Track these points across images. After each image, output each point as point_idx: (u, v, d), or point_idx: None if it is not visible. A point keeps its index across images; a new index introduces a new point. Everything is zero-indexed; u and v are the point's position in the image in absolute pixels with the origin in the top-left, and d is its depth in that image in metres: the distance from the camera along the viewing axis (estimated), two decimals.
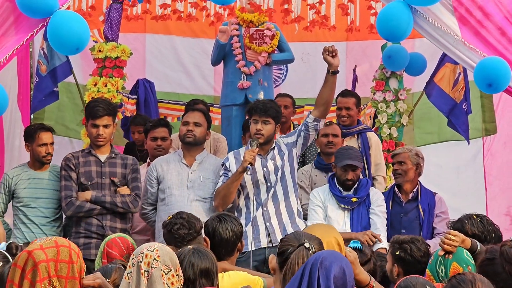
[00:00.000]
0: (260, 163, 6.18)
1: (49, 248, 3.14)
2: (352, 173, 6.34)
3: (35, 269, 3.08)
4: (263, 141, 6.15)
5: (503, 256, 3.68)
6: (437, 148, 8.83)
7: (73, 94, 8.58)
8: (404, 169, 6.58)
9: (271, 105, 6.26)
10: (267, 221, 6.10)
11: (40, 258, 3.10)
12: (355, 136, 7.20)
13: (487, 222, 4.73)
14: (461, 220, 4.72)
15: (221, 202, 6.12)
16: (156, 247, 3.22)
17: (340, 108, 7.25)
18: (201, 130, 6.37)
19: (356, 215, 6.30)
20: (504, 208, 8.55)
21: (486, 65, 5.56)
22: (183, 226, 4.73)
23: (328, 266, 3.01)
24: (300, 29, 8.83)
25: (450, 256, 3.95)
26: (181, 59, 9.28)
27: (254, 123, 6.18)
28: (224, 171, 6.21)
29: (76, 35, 5.33)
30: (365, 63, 8.97)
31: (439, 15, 5.75)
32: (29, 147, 6.29)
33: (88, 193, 6.13)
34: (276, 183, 6.15)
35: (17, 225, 6.25)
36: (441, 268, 3.93)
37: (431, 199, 6.63)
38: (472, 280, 3.13)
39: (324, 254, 3.08)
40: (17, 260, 3.14)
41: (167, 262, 3.19)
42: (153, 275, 3.15)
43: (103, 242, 4.50)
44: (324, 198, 6.36)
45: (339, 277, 3.01)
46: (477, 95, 8.40)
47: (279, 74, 9.13)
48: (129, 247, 4.48)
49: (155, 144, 6.99)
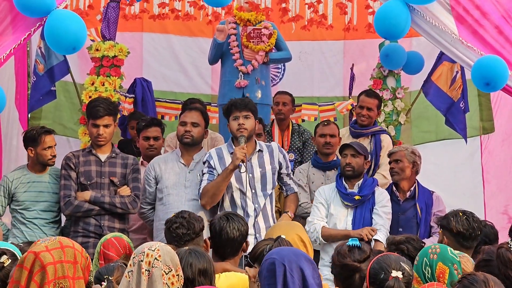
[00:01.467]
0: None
1: (55, 250, 3.15)
2: (351, 158, 6.32)
3: (43, 271, 3.09)
4: (246, 135, 6.10)
5: (500, 258, 3.69)
6: (435, 146, 8.84)
7: (70, 93, 8.57)
8: (400, 167, 6.58)
9: (248, 100, 6.25)
10: (257, 232, 6.09)
11: (47, 260, 3.11)
12: (368, 137, 7.18)
13: (473, 219, 4.74)
14: (447, 217, 4.75)
15: (209, 201, 6.10)
16: (157, 247, 3.22)
17: (362, 107, 7.20)
18: (199, 130, 6.35)
19: (359, 214, 6.29)
20: (501, 207, 8.56)
21: (484, 63, 5.57)
22: (182, 226, 4.72)
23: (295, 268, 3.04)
24: (297, 28, 8.83)
25: (435, 256, 3.95)
26: (179, 58, 9.27)
27: (234, 120, 6.13)
28: (208, 169, 6.17)
29: (73, 34, 5.32)
30: (362, 62, 8.97)
31: (437, 14, 5.76)
32: (33, 151, 6.26)
33: (87, 194, 6.12)
34: (261, 190, 6.16)
35: (17, 225, 6.24)
36: (427, 269, 3.93)
37: (429, 198, 6.64)
38: (485, 280, 3.13)
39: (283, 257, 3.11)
40: (23, 261, 3.14)
41: (168, 262, 3.20)
42: (153, 274, 3.15)
43: (99, 243, 4.48)
44: (329, 196, 6.35)
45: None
46: (475, 93, 8.41)
47: (277, 73, 9.14)
48: (126, 246, 4.47)
49: (147, 144, 6.97)
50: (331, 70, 9.32)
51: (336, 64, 9.31)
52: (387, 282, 3.29)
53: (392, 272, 3.31)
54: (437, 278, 3.88)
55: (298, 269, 3.09)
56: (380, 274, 3.33)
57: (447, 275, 3.87)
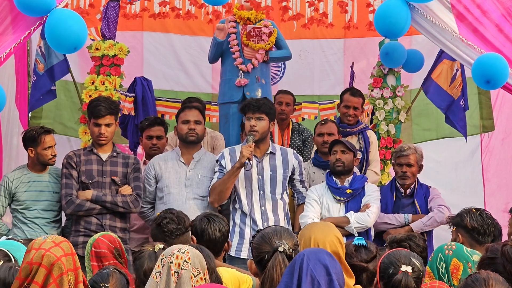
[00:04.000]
0: (256, 167, 6.19)
1: (67, 256, 3.23)
2: (342, 154, 6.35)
3: (63, 276, 3.14)
4: (258, 138, 6.16)
5: (505, 255, 3.68)
6: (435, 144, 8.84)
7: (70, 93, 8.57)
8: (413, 172, 6.64)
9: (264, 102, 6.27)
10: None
11: (68, 267, 3.19)
12: (356, 135, 7.21)
13: (486, 215, 4.75)
14: (461, 214, 4.74)
15: (217, 198, 6.15)
16: (187, 249, 3.24)
17: (348, 106, 7.23)
18: (201, 128, 6.39)
19: (351, 208, 6.31)
20: (502, 205, 8.55)
21: (484, 61, 5.57)
22: (172, 221, 4.73)
23: (314, 264, 3.01)
24: (298, 26, 8.84)
25: (450, 252, 3.96)
26: (179, 57, 9.27)
27: (248, 120, 6.20)
28: (219, 168, 6.22)
29: (74, 33, 5.31)
30: (362, 60, 8.97)
31: (437, 12, 5.77)
32: (33, 152, 6.27)
33: (89, 192, 6.13)
34: (270, 192, 6.17)
35: (18, 224, 6.24)
36: (441, 264, 3.94)
37: (427, 193, 6.68)
38: (486, 278, 3.13)
39: (306, 253, 3.08)
40: (40, 261, 3.16)
41: (197, 265, 3.21)
42: (182, 276, 3.17)
43: (89, 245, 4.48)
44: (322, 193, 6.36)
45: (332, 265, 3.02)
46: (475, 91, 8.42)
47: (277, 71, 9.13)
48: (115, 240, 4.47)
49: (150, 143, 6.98)
50: (332, 69, 9.32)
51: (337, 63, 9.31)
52: (396, 276, 3.29)
53: (401, 266, 3.31)
54: (451, 273, 3.90)
55: (319, 263, 3.08)
56: (390, 269, 3.33)
57: (461, 271, 3.88)
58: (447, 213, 6.34)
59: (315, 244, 3.72)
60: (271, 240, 3.33)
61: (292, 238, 3.38)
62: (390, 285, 3.30)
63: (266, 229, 3.45)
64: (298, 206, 6.44)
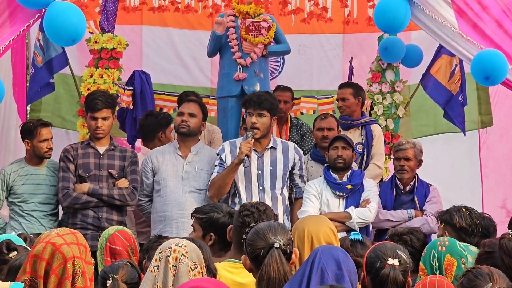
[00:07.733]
0: (256, 162, 6.18)
1: (67, 235, 3.22)
2: (343, 151, 6.35)
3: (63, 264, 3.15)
4: (259, 136, 6.15)
5: (503, 249, 3.68)
6: (433, 140, 8.82)
7: (69, 86, 8.54)
8: (411, 166, 6.63)
9: (265, 97, 6.25)
10: None
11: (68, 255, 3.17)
12: (359, 128, 7.17)
13: (476, 215, 4.70)
14: (450, 212, 4.70)
15: (216, 193, 6.15)
16: (184, 243, 3.24)
17: (338, 99, 7.26)
18: (196, 121, 6.37)
19: (351, 203, 6.32)
20: (499, 201, 8.56)
21: (484, 57, 5.57)
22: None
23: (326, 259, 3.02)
24: (297, 21, 8.82)
25: (443, 248, 3.95)
26: (178, 51, 9.25)
27: (249, 116, 6.19)
28: (219, 162, 6.21)
29: (73, 26, 5.32)
30: (361, 55, 8.96)
31: (437, 7, 5.77)
32: (29, 144, 6.27)
33: (85, 186, 6.14)
34: (270, 188, 6.17)
35: (15, 217, 6.25)
36: (434, 261, 3.93)
37: (427, 191, 6.67)
38: (489, 273, 3.12)
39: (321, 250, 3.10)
40: (48, 257, 3.16)
41: (194, 259, 3.21)
42: (180, 270, 3.17)
43: (104, 238, 4.46)
44: (320, 188, 6.36)
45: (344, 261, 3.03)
46: (474, 87, 8.39)
47: (276, 66, 9.12)
48: (130, 238, 4.47)
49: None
50: (330, 64, 9.31)
51: (335, 58, 9.29)
52: (383, 270, 3.27)
53: (388, 260, 3.29)
54: (445, 270, 3.89)
55: (331, 257, 3.09)
56: (376, 263, 3.31)
57: (455, 268, 3.87)
58: (435, 225, 6.24)
59: (309, 236, 3.72)
60: (266, 236, 3.31)
61: (286, 233, 3.36)
62: (377, 279, 3.27)
63: (260, 224, 3.41)
64: (296, 200, 6.44)
